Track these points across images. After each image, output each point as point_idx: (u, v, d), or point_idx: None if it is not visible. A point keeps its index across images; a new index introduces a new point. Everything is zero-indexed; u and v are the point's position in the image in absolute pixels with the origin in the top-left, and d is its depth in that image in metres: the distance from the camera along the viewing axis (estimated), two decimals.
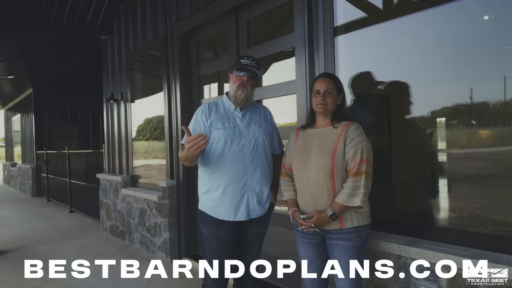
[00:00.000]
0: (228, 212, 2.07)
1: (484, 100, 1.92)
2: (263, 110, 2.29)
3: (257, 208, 2.11)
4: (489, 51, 1.90)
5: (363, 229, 1.84)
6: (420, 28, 2.14)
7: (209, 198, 2.11)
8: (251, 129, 2.13)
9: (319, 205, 1.84)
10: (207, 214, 2.11)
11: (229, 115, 2.15)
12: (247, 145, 2.09)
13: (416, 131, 2.23)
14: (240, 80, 2.09)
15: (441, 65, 2.08)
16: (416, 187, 2.25)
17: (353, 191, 1.76)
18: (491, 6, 1.90)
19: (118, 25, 5.28)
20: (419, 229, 2.09)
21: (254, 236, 2.21)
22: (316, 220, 1.80)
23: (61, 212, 7.50)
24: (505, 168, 1.89)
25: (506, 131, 1.87)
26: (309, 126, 2.01)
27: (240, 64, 2.11)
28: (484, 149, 1.97)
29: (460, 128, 2.07)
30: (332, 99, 1.89)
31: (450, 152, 2.09)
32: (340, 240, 1.82)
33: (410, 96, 2.17)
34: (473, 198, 2.03)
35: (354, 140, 1.80)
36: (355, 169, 1.77)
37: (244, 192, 2.07)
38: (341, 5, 2.46)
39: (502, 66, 1.84)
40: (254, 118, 2.18)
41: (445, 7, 1.99)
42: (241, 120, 2.14)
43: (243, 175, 2.07)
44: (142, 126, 4.98)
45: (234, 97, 2.12)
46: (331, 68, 2.44)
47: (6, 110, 14.54)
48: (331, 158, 1.81)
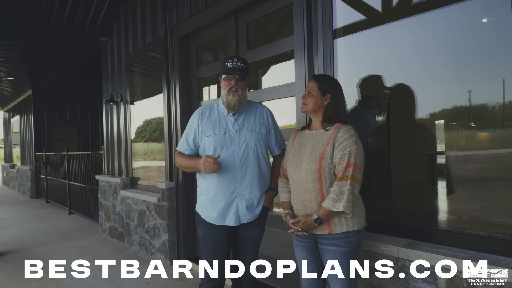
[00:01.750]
0: (218, 217, 2.10)
1: (483, 102, 1.92)
2: (259, 110, 2.23)
3: (247, 214, 2.11)
4: (488, 53, 1.91)
5: (353, 235, 1.79)
6: (419, 30, 2.15)
7: (202, 201, 2.17)
8: (242, 134, 2.11)
9: (308, 208, 1.83)
10: (200, 215, 2.17)
11: (222, 120, 2.14)
12: (237, 151, 2.07)
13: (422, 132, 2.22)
14: (229, 85, 2.06)
15: (440, 67, 2.08)
16: (415, 189, 2.25)
17: (338, 195, 1.73)
18: (490, 8, 1.91)
19: (118, 27, 5.29)
20: (418, 231, 2.09)
21: (248, 238, 2.19)
22: (302, 224, 1.80)
23: (60, 213, 7.48)
24: (504, 170, 1.89)
25: (505, 133, 1.87)
26: (306, 128, 2.01)
27: (226, 68, 2.07)
28: (483, 151, 1.97)
29: (459, 130, 2.07)
30: (312, 99, 1.88)
31: (449, 154, 2.09)
32: (330, 245, 1.81)
33: (414, 98, 2.17)
34: (472, 200, 2.03)
35: (343, 143, 1.77)
36: (341, 173, 1.74)
37: (233, 199, 2.08)
38: (340, 7, 2.47)
39: (501, 68, 1.84)
40: (247, 121, 2.15)
41: (444, 10, 1.99)
42: (233, 125, 2.12)
43: (232, 181, 2.07)
44: (142, 127, 4.98)
45: (226, 103, 2.09)
46: (330, 70, 2.45)
47: (5, 112, 14.52)
48: (319, 161, 1.79)
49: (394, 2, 2.22)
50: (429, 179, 2.20)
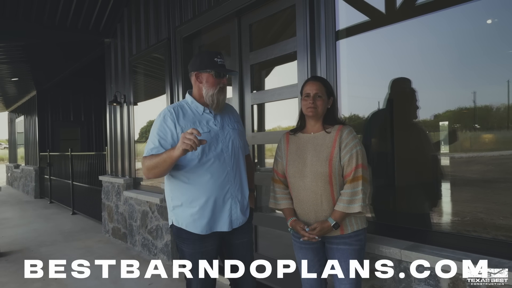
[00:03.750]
0: (210, 224, 1.86)
1: (488, 103, 1.91)
2: (229, 108, 2.10)
3: (240, 217, 1.94)
4: (492, 54, 1.90)
5: (362, 233, 1.85)
6: (423, 31, 2.14)
7: (187, 213, 1.86)
8: (226, 131, 1.94)
9: (319, 213, 1.81)
10: (185, 230, 1.87)
11: (200, 119, 1.91)
12: (226, 150, 1.90)
13: (421, 134, 2.21)
14: (220, 84, 1.89)
15: (444, 68, 2.07)
16: (419, 191, 2.24)
17: (352, 197, 1.74)
18: (494, 10, 1.89)
19: (121, 28, 5.31)
20: (420, 234, 2.08)
21: (242, 246, 2.01)
22: (319, 231, 1.78)
23: (64, 214, 7.52)
24: (508, 172, 1.88)
25: (509, 135, 1.86)
26: (299, 131, 1.96)
27: (215, 65, 1.87)
28: (487, 153, 1.96)
29: (464, 131, 2.06)
30: (322, 103, 1.85)
31: (453, 156, 2.08)
32: (341, 244, 1.82)
33: (416, 100, 2.16)
34: (476, 202, 2.02)
35: (349, 144, 1.77)
36: (352, 174, 1.75)
37: (226, 202, 1.89)
38: (343, 9, 2.47)
39: (506, 69, 1.83)
40: (225, 119, 1.99)
41: (448, 11, 1.98)
42: (214, 122, 1.93)
43: (226, 182, 1.88)
44: (145, 128, 4.99)
45: (216, 101, 1.89)
46: (333, 72, 2.44)
47: (10, 112, 14.62)
48: (328, 165, 1.78)
49: (397, 3, 2.21)
50: (432, 181, 2.19)
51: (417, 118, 2.19)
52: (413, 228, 2.13)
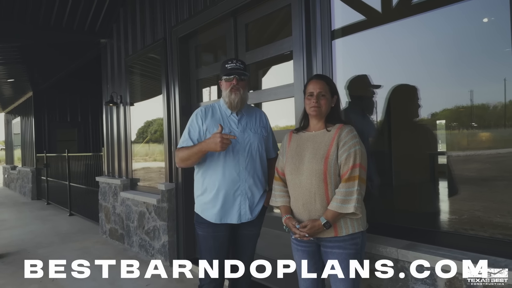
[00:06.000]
0: (220, 214, 2.11)
1: (485, 102, 1.91)
2: (259, 114, 2.30)
3: (248, 213, 2.15)
4: (489, 53, 1.89)
5: (358, 236, 1.78)
6: (420, 30, 2.13)
7: (202, 201, 2.16)
8: (247, 134, 2.15)
9: (312, 212, 1.79)
10: (201, 216, 2.17)
11: (225, 120, 2.17)
12: (242, 151, 2.12)
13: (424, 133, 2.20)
14: (231, 85, 2.11)
15: (441, 67, 2.07)
16: (416, 190, 2.24)
17: (346, 197, 1.70)
18: (491, 8, 1.89)
19: (117, 28, 5.28)
20: (417, 233, 2.07)
21: (248, 237, 2.24)
22: (309, 229, 1.74)
23: (61, 215, 7.48)
24: (505, 170, 1.88)
25: (506, 133, 1.86)
26: (302, 129, 1.95)
27: (226, 70, 2.12)
28: (485, 151, 1.96)
29: (461, 130, 2.06)
30: (326, 102, 1.83)
31: (451, 154, 2.07)
32: (335, 248, 1.77)
33: (418, 99, 2.14)
34: (473, 201, 2.02)
35: (347, 143, 1.75)
36: (348, 174, 1.71)
37: (237, 197, 2.12)
38: (339, 8, 2.46)
39: (502, 68, 1.83)
40: (250, 123, 2.20)
41: (445, 10, 1.98)
42: (237, 125, 2.16)
43: (237, 180, 2.11)
44: (142, 128, 4.98)
45: (229, 102, 2.13)
46: (329, 71, 2.43)
47: (6, 113, 14.54)
48: (324, 162, 1.75)
49: (394, 2, 2.21)
50: (430, 179, 2.19)
51: (418, 117, 2.18)
52: (411, 227, 2.12)
